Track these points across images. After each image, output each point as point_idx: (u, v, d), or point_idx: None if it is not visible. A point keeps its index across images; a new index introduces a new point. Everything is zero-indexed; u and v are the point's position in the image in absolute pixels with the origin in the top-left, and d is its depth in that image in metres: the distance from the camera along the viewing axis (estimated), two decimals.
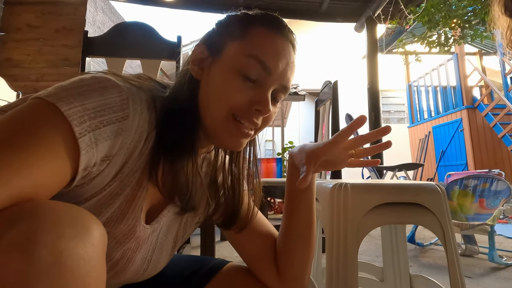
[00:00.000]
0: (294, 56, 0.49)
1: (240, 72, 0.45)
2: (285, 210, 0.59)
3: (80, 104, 0.34)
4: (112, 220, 0.43)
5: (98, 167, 0.38)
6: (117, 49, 1.20)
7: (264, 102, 0.45)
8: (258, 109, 0.45)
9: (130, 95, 0.40)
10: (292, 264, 0.56)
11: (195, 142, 0.47)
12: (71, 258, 0.25)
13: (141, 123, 0.42)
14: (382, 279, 1.01)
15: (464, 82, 5.42)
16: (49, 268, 0.23)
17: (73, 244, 0.25)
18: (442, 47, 3.60)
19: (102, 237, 0.29)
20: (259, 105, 0.45)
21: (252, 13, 0.49)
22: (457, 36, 3.64)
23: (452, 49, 5.07)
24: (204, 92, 0.47)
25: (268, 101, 0.45)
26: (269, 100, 0.46)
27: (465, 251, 2.03)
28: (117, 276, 0.48)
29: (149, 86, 0.47)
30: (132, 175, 0.43)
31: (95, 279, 0.27)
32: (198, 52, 0.49)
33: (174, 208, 0.51)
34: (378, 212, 0.73)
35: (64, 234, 0.25)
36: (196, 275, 0.60)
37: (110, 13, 4.48)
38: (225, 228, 0.58)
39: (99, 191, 0.41)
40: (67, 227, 0.26)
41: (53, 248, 0.24)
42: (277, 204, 4.38)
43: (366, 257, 2.00)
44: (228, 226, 0.57)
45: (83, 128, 0.34)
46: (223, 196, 0.56)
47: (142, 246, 0.49)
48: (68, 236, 0.26)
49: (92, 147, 0.35)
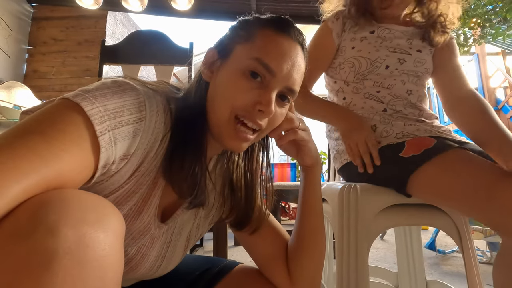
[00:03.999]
0: (302, 57, 0.49)
1: (245, 74, 0.45)
2: (297, 213, 0.60)
3: (102, 105, 0.37)
4: (129, 217, 0.45)
5: (117, 165, 0.40)
6: (132, 56, 1.26)
7: (267, 102, 0.45)
8: (261, 109, 0.45)
9: (147, 98, 0.42)
10: (302, 267, 0.57)
11: (203, 142, 0.49)
12: (92, 240, 0.27)
13: (157, 125, 0.44)
14: (397, 284, 0.98)
15: (486, 83, 5.20)
16: (73, 246, 0.26)
17: (95, 228, 0.28)
18: (462, 48, 3.48)
19: (121, 225, 0.31)
20: (261, 106, 0.45)
21: (261, 16, 0.50)
22: (477, 36, 3.51)
23: (473, 49, 4.89)
24: (211, 94, 0.49)
25: (271, 102, 0.45)
26: (272, 100, 0.46)
27: (490, 259, 1.92)
28: (131, 272, 0.50)
29: (164, 89, 0.49)
30: (148, 174, 0.45)
31: (113, 261, 0.29)
32: (209, 55, 0.51)
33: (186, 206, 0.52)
34: (389, 214, 0.71)
35: (87, 218, 0.28)
36: (206, 275, 0.61)
37: (129, 25, 4.67)
38: (237, 229, 0.59)
39: (117, 189, 0.43)
40: (90, 213, 0.29)
41: (76, 230, 0.26)
42: (292, 209, 4.33)
43: (384, 264, 1.93)
44: (241, 227, 0.58)
45: (103, 127, 0.36)
46: (237, 198, 0.57)
47: (156, 243, 0.51)
48: (91, 221, 0.28)
49: (111, 145, 0.37)
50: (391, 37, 0.83)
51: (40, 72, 3.72)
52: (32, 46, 3.76)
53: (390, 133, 0.74)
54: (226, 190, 0.58)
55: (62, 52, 3.76)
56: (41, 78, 3.69)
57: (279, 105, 0.49)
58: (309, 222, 0.57)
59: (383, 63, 0.81)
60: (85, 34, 3.81)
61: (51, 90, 3.61)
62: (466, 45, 3.54)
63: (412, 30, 0.85)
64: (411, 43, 0.83)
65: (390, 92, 0.81)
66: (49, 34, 3.81)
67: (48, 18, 3.83)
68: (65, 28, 3.83)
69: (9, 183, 0.27)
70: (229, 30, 0.52)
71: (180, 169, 0.47)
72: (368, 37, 0.83)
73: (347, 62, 0.84)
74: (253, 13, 0.51)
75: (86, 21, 3.82)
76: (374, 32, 0.83)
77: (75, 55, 3.76)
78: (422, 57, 0.83)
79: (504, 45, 5.22)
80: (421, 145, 0.67)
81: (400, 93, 0.81)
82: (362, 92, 0.83)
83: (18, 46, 3.59)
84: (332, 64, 0.90)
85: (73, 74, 3.71)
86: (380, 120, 0.78)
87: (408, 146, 0.68)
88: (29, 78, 3.65)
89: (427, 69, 0.84)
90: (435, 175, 0.63)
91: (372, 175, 0.74)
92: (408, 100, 0.81)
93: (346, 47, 0.85)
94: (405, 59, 0.81)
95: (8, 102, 2.38)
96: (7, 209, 0.27)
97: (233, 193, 0.58)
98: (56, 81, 3.69)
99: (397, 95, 0.81)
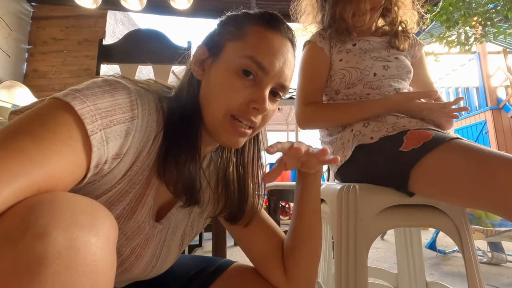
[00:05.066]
0: (292, 53, 0.50)
1: (238, 73, 0.46)
2: (293, 212, 0.60)
3: (93, 104, 0.36)
4: (122, 216, 0.45)
5: (110, 164, 0.40)
6: (130, 55, 1.25)
7: (261, 100, 0.45)
8: (256, 107, 0.46)
9: (139, 97, 0.42)
10: (298, 265, 0.57)
11: (198, 140, 0.49)
12: (84, 244, 0.26)
13: (149, 123, 0.44)
14: (397, 285, 0.97)
15: (487, 82, 5.18)
16: (64, 250, 0.25)
17: (86, 232, 0.27)
18: (463, 47, 3.46)
19: (113, 228, 0.31)
20: (256, 104, 0.45)
21: (250, 12, 0.50)
22: (478, 35, 3.49)
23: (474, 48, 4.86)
24: (204, 92, 0.49)
25: (265, 99, 0.46)
26: (266, 98, 0.46)
27: (491, 259, 1.91)
28: (126, 272, 0.50)
29: (155, 88, 0.49)
30: (141, 173, 0.45)
31: (105, 266, 0.28)
32: (199, 53, 0.50)
33: (181, 205, 0.52)
34: (388, 215, 0.70)
35: (78, 222, 0.27)
36: (202, 274, 0.61)
37: (129, 24, 4.67)
38: (231, 223, 0.59)
39: (110, 188, 0.42)
40: (82, 216, 0.28)
41: (67, 234, 0.26)
42: (292, 209, 4.33)
43: (384, 264, 1.93)
44: (235, 221, 0.58)
45: (95, 126, 0.36)
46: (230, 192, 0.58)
47: (151, 243, 0.51)
48: (82, 224, 0.27)
49: (103, 145, 0.37)
50: (372, 48, 0.89)
51: (40, 71, 3.71)
52: (32, 46, 3.75)
53: (382, 128, 0.76)
54: (220, 186, 0.58)
55: (62, 51, 3.76)
56: (41, 78, 3.69)
57: (271, 101, 0.49)
58: (307, 221, 0.57)
59: (371, 71, 0.85)
60: (85, 34, 3.81)
61: (51, 90, 3.61)
62: (467, 44, 3.52)
63: (385, 39, 0.93)
64: (389, 51, 0.90)
65: (379, 92, 0.84)
66: (49, 33, 3.80)
67: (48, 18, 3.83)
68: (65, 27, 3.82)
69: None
70: (217, 26, 0.51)
71: (175, 168, 0.46)
72: (352, 49, 0.89)
73: (337, 74, 0.88)
74: (241, 8, 0.51)
75: (86, 21, 3.82)
76: (356, 44, 0.90)
77: (75, 55, 3.76)
78: (400, 63, 0.89)
79: (505, 43, 5.20)
80: (420, 138, 0.68)
81: (389, 91, 0.85)
82: (353, 98, 0.86)
83: (18, 45, 3.59)
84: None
85: (73, 73, 3.71)
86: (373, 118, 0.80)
87: (407, 141, 0.69)
88: (29, 78, 3.65)
89: (408, 72, 0.90)
90: (437, 165, 0.63)
91: (371, 175, 0.74)
92: None
93: (335, 60, 0.90)
94: (389, 65, 0.87)
95: (7, 102, 2.38)
96: None
97: (226, 188, 0.58)
98: (56, 80, 3.68)
99: (386, 93, 0.84)
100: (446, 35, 3.56)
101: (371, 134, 0.76)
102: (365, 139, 0.75)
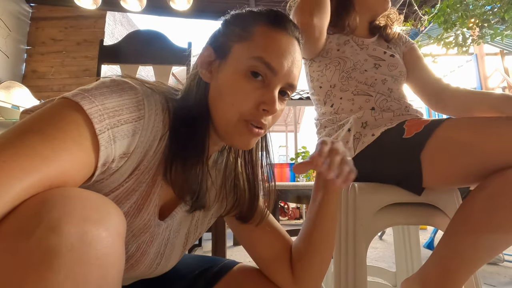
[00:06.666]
0: (300, 52, 0.49)
1: (246, 75, 0.45)
2: (310, 217, 0.58)
3: (101, 104, 0.37)
4: (129, 214, 0.46)
5: (117, 163, 0.41)
6: (130, 56, 1.26)
7: (271, 102, 0.45)
8: (266, 109, 0.45)
9: (146, 97, 0.43)
10: (308, 270, 0.57)
11: (206, 142, 0.49)
12: (94, 238, 0.27)
13: (156, 123, 0.44)
14: (395, 284, 0.98)
15: (485, 83, 5.21)
16: (76, 243, 0.26)
17: (97, 226, 0.28)
18: (460, 48, 3.48)
19: (122, 223, 0.32)
20: (266, 105, 0.45)
21: (255, 11, 0.49)
22: (476, 36, 3.52)
23: (471, 49, 4.89)
24: (214, 95, 0.48)
25: (275, 101, 0.45)
26: (275, 99, 0.46)
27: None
28: (132, 269, 0.50)
29: (162, 89, 0.49)
30: (147, 172, 0.45)
31: (114, 259, 0.29)
32: (205, 55, 0.50)
33: (185, 205, 0.53)
34: (387, 213, 0.71)
35: (90, 217, 0.28)
36: (206, 274, 0.61)
37: (128, 25, 4.68)
38: (243, 222, 0.59)
39: (117, 187, 0.43)
40: (93, 211, 0.29)
41: (79, 228, 0.27)
42: (291, 210, 4.33)
43: (382, 263, 1.94)
44: (247, 219, 0.58)
45: (103, 126, 0.36)
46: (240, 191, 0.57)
47: (155, 240, 0.51)
48: (93, 219, 0.28)
49: (111, 144, 0.38)
50: (366, 46, 0.92)
51: (39, 72, 3.71)
52: (31, 46, 3.75)
53: (381, 124, 0.77)
54: (227, 185, 0.58)
55: (61, 52, 3.76)
56: (40, 78, 3.69)
57: (280, 101, 0.49)
58: (324, 227, 0.57)
59: (362, 67, 0.87)
60: (84, 34, 3.81)
61: (49, 90, 3.61)
62: (464, 45, 3.54)
63: (376, 38, 0.97)
64: (385, 49, 0.93)
65: (374, 89, 0.85)
66: (48, 34, 3.80)
67: (47, 18, 3.83)
68: (64, 28, 3.82)
69: (11, 181, 0.28)
70: (222, 26, 0.51)
71: (182, 171, 0.47)
72: (350, 40, 0.92)
73: (333, 62, 0.90)
74: (246, 7, 0.51)
75: (85, 21, 3.82)
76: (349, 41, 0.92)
77: (74, 55, 3.76)
78: (394, 61, 0.91)
79: (502, 45, 5.24)
80: (420, 123, 0.70)
81: (383, 90, 0.86)
82: (350, 91, 0.86)
83: (17, 46, 3.59)
84: (318, 66, 0.93)
85: (72, 74, 3.71)
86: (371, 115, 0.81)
87: (408, 128, 0.71)
88: (28, 78, 3.65)
89: (401, 72, 0.92)
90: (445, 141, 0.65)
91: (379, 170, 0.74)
92: (392, 97, 0.85)
93: (332, 48, 0.91)
94: (380, 64, 0.89)
95: (6, 102, 2.37)
96: (10, 207, 0.27)
97: (236, 187, 0.58)
98: (55, 81, 3.69)
99: (381, 92, 0.85)
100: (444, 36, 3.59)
101: (371, 131, 0.77)
102: (367, 138, 0.76)
